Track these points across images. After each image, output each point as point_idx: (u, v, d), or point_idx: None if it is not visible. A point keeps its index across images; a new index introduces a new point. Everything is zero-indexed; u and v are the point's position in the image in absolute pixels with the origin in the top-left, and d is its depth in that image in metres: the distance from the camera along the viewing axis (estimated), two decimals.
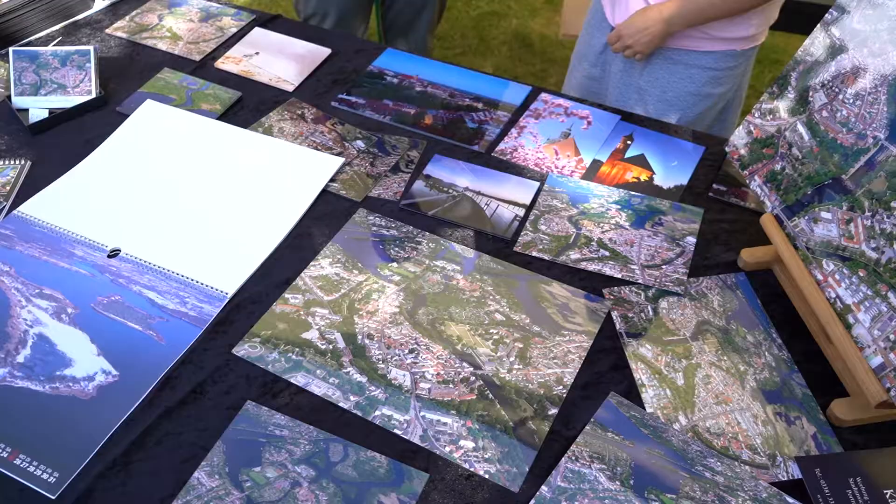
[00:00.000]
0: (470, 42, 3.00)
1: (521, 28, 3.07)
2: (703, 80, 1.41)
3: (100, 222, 1.11)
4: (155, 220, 1.11)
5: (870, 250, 0.85)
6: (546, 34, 3.03)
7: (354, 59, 1.44)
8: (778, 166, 1.00)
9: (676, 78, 1.42)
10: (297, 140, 1.25)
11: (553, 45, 2.98)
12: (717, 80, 1.41)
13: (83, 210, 1.12)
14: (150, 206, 1.13)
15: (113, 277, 1.03)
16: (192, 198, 1.15)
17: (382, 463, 0.83)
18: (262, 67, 1.40)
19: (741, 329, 0.96)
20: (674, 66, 1.41)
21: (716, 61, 1.39)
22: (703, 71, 1.40)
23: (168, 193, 1.15)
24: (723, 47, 1.38)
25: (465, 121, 1.29)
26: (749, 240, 1.07)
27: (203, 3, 1.58)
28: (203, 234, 1.09)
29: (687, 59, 1.39)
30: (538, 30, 3.06)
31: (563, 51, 2.94)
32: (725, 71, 1.41)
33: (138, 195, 1.15)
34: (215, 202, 1.14)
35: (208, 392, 0.91)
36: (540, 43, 2.98)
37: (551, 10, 3.17)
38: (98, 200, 1.14)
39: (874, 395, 0.82)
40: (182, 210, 1.13)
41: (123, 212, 1.12)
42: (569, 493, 0.80)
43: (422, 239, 1.08)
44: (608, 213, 1.12)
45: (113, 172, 1.19)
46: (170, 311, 0.99)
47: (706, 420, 0.87)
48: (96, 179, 1.18)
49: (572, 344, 0.95)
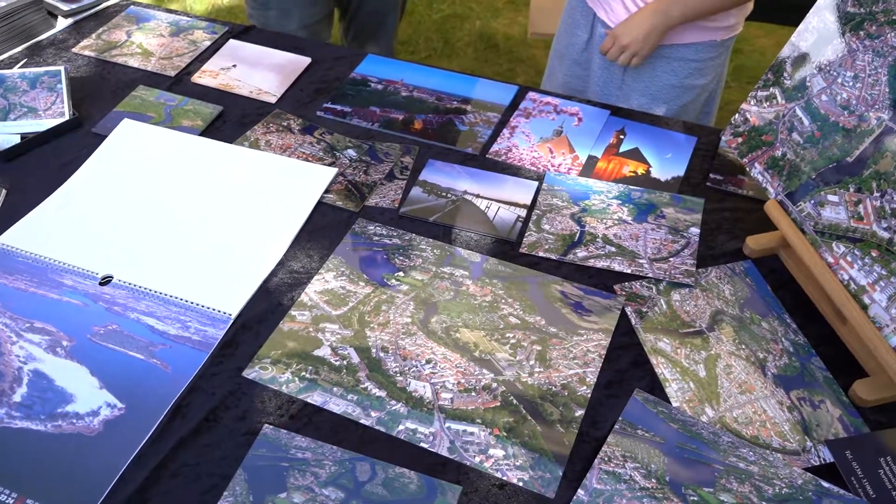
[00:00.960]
0: (435, 45, 2.99)
1: (484, 29, 3.07)
2: (686, 72, 1.41)
3: (88, 249, 1.06)
4: (146, 244, 1.07)
5: (881, 230, 0.86)
6: (510, 34, 3.04)
7: (335, 66, 1.41)
8: (778, 153, 1.00)
9: (659, 71, 1.42)
10: (285, 152, 1.21)
11: (518, 44, 2.98)
12: (700, 71, 1.41)
13: (68, 237, 1.08)
14: (140, 229, 1.09)
15: (108, 306, 0.99)
16: (183, 218, 1.11)
17: (413, 479, 0.81)
18: (242, 80, 1.36)
19: (755, 316, 0.96)
20: (656, 60, 1.41)
21: (697, 52, 1.39)
22: (685, 63, 1.40)
23: (157, 214, 1.11)
24: (704, 38, 1.38)
25: (455, 123, 1.27)
26: (752, 227, 1.07)
27: (172, 17, 1.53)
28: (199, 254, 1.05)
29: (669, 52, 1.39)
30: (502, 30, 3.06)
31: (528, 49, 2.95)
32: (707, 62, 1.41)
33: (126, 218, 1.11)
34: (208, 221, 1.10)
35: (222, 419, 0.87)
36: (505, 43, 2.99)
37: (513, 10, 3.18)
38: (83, 226, 1.09)
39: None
40: (174, 231, 1.09)
41: (112, 236, 1.08)
42: (606, 495, 0.78)
43: (426, 246, 1.06)
44: (610, 208, 1.11)
45: (95, 196, 1.14)
46: (172, 336, 0.95)
47: (733, 410, 0.86)
48: (79, 204, 1.13)
49: (591, 343, 0.94)
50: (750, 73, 2.75)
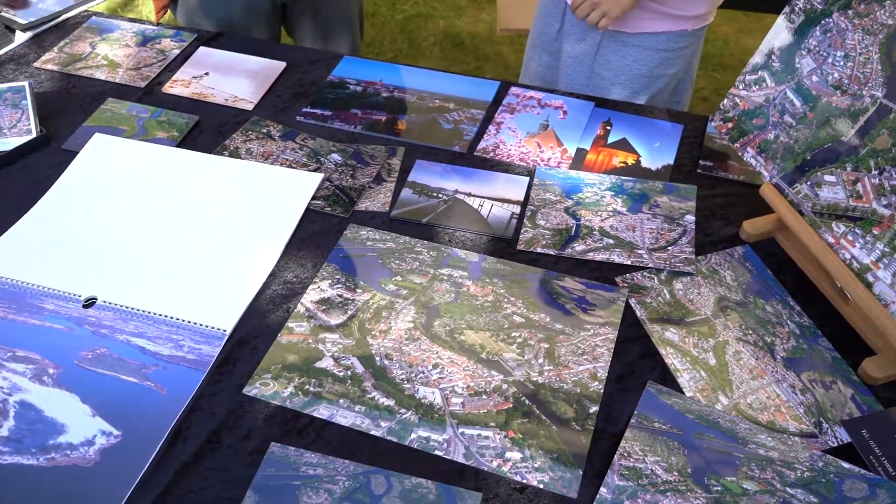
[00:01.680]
0: (400, 46, 2.96)
1: (449, 28, 3.05)
2: (655, 61, 1.41)
3: (68, 270, 1.01)
4: (130, 262, 1.02)
5: (881, 208, 0.86)
6: (476, 32, 3.03)
7: (311, 70, 1.37)
8: (771, 135, 1.00)
9: (629, 61, 1.41)
10: (267, 160, 1.18)
11: (484, 42, 2.97)
12: (669, 61, 1.42)
13: (46, 259, 1.03)
14: (122, 247, 1.04)
15: (94, 329, 0.94)
16: (167, 233, 1.06)
17: (430, 488, 0.78)
18: (216, 88, 1.32)
19: (759, 301, 0.96)
20: (625, 49, 1.41)
21: (667, 42, 1.39)
22: (654, 53, 1.40)
23: (139, 231, 1.07)
24: (674, 27, 1.38)
25: (439, 122, 1.25)
26: (746, 212, 1.07)
27: (137, 27, 1.48)
28: (187, 270, 1.01)
29: (638, 41, 1.39)
30: (467, 28, 3.05)
31: (495, 47, 2.94)
32: (676, 52, 1.41)
33: (106, 236, 1.06)
34: (194, 235, 1.06)
35: (225, 439, 0.83)
36: (471, 41, 2.97)
37: (476, 8, 3.17)
38: (61, 247, 1.05)
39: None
40: (158, 247, 1.04)
41: (92, 256, 1.03)
42: (629, 491, 0.77)
43: (421, 248, 1.04)
44: (603, 200, 1.10)
45: (71, 215, 1.09)
46: (165, 357, 0.91)
47: (746, 396, 0.86)
48: (54, 224, 1.08)
49: (598, 337, 0.92)
50: (715, 60, 2.78)
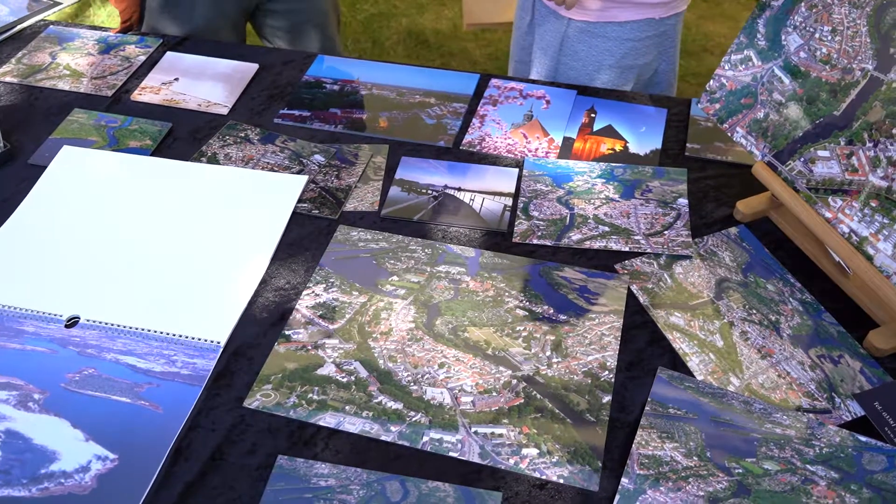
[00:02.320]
0: (363, 46, 2.93)
1: (412, 26, 3.02)
2: (622, 52, 1.37)
3: (46, 290, 0.96)
4: (112, 277, 0.98)
5: (878, 180, 0.86)
6: (439, 29, 3.00)
7: (285, 71, 1.34)
8: (760, 114, 1.00)
9: (595, 52, 1.39)
10: (248, 164, 1.14)
11: (449, 38, 2.95)
12: (637, 51, 1.38)
13: (21, 280, 0.98)
14: (103, 263, 1.00)
15: (79, 349, 0.90)
16: (149, 245, 1.02)
17: (448, 491, 0.76)
18: (187, 93, 1.28)
19: (759, 280, 0.96)
20: (592, 40, 1.37)
21: (633, 32, 1.35)
22: (620, 43, 1.36)
23: (120, 244, 1.02)
24: (640, 16, 1.35)
25: (421, 118, 1.22)
26: (737, 192, 1.07)
27: (98, 34, 1.43)
28: (173, 282, 0.97)
29: (603, 31, 1.36)
30: (430, 25, 3.03)
31: (460, 43, 2.92)
32: (645, 41, 1.37)
33: (84, 252, 1.01)
34: (178, 245, 1.02)
35: (229, 455, 0.80)
36: (435, 38, 2.95)
37: (438, 5, 3.15)
38: (37, 266, 1.00)
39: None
40: (142, 260, 1.00)
41: (71, 274, 0.98)
42: (651, 480, 0.76)
43: (416, 246, 1.01)
44: (595, 188, 1.09)
45: (45, 232, 1.04)
46: (158, 374, 0.87)
47: (757, 376, 0.85)
48: (27, 243, 1.03)
49: (604, 326, 0.91)
50: None
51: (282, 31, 1.64)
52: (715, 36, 2.90)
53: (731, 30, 2.89)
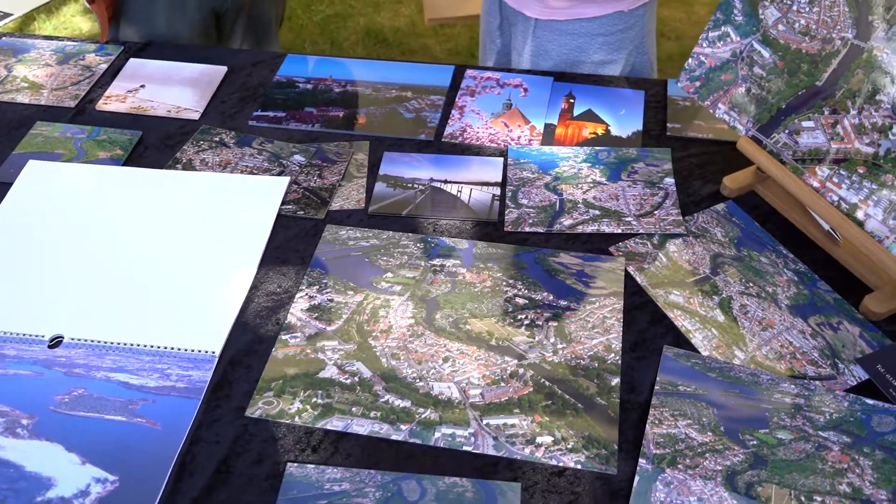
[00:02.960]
0: (322, 48, 2.89)
1: (370, 25, 2.99)
2: (594, 47, 1.35)
3: (25, 311, 0.92)
4: (95, 293, 0.94)
5: (864, 146, 0.88)
6: (398, 26, 2.98)
7: (255, 72, 1.31)
8: (742, 89, 1.00)
9: (566, 50, 1.36)
10: (225, 169, 1.11)
11: (408, 35, 2.93)
12: (610, 45, 1.36)
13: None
14: (84, 279, 0.96)
15: (66, 370, 0.86)
16: (131, 257, 0.98)
17: (467, 486, 0.74)
18: (155, 100, 1.23)
19: (753, 253, 0.96)
20: (561, 38, 1.35)
21: (603, 27, 1.33)
22: (591, 38, 1.35)
23: (99, 259, 0.98)
24: (607, 10, 1.31)
25: (400, 112, 1.20)
26: (721, 168, 1.07)
27: (55, 44, 1.37)
28: (160, 294, 0.94)
29: (572, 28, 1.34)
30: (388, 23, 3.00)
31: (419, 40, 2.91)
32: (616, 35, 1.35)
33: (63, 269, 0.97)
34: (161, 256, 0.98)
35: (236, 467, 0.77)
36: (394, 36, 2.93)
37: (395, 2, 3.12)
38: (12, 287, 0.95)
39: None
40: (125, 274, 0.96)
41: (50, 292, 0.94)
42: (668, 459, 0.75)
43: (407, 241, 1.00)
44: (581, 172, 1.09)
45: (18, 251, 0.99)
46: (152, 389, 0.84)
47: (761, 348, 0.86)
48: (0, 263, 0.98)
49: (605, 309, 0.90)
50: None
51: (241, 35, 1.60)
52: (671, 21, 2.93)
53: (687, 14, 2.93)
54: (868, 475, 0.73)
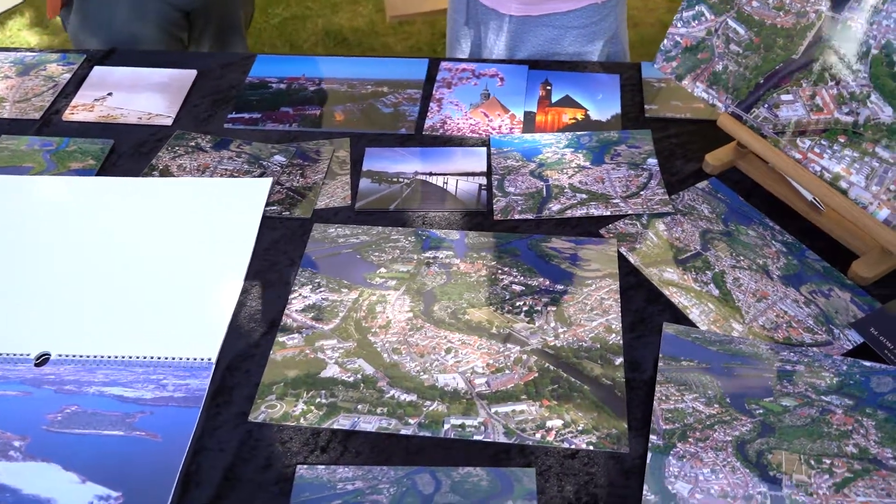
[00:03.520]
0: (281, 51, 2.85)
1: (328, 26, 2.97)
2: (569, 40, 1.35)
3: (7, 329, 0.89)
4: (80, 307, 0.91)
5: (843, 116, 0.89)
6: (357, 26, 2.96)
7: (225, 74, 1.28)
8: (719, 67, 1.02)
9: (541, 41, 1.37)
10: (205, 173, 1.08)
11: (367, 35, 2.91)
12: (585, 37, 1.36)
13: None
14: (67, 293, 0.93)
15: (56, 387, 0.83)
16: (116, 269, 0.95)
17: (481, 475, 0.74)
18: (124, 107, 1.20)
19: (740, 227, 0.98)
20: (537, 29, 1.35)
21: (577, 19, 1.33)
22: (566, 31, 1.34)
23: (82, 272, 0.95)
24: (581, 3, 1.31)
25: (377, 107, 1.19)
26: (702, 146, 1.09)
27: (13, 56, 1.33)
28: (148, 304, 0.91)
29: (548, 21, 1.33)
30: (347, 24, 2.98)
31: (380, 39, 2.89)
32: (591, 27, 1.35)
33: (44, 285, 0.94)
34: (147, 265, 0.96)
35: (243, 474, 0.75)
36: (354, 36, 2.91)
37: (352, 2, 3.10)
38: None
39: (895, 244, 0.86)
40: (110, 285, 0.93)
41: (33, 309, 0.91)
42: (678, 433, 0.76)
43: (398, 236, 0.99)
44: (565, 158, 1.09)
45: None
46: (150, 401, 0.82)
47: (757, 319, 0.87)
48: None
49: (602, 290, 0.91)
50: None
51: (208, 38, 1.57)
52: (628, 9, 2.96)
53: (643, 2, 2.97)
54: (872, 435, 0.75)
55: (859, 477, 0.71)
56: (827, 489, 0.71)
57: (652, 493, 0.71)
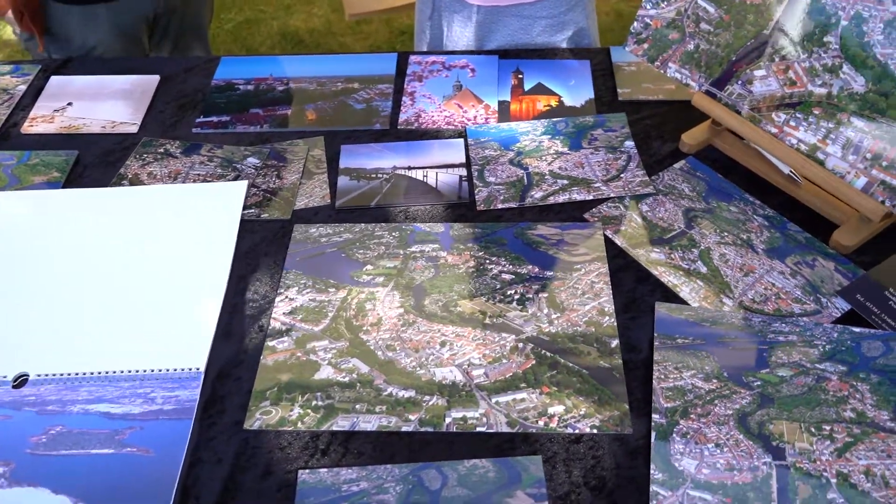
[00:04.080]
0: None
1: (284, 28, 2.93)
2: (537, 30, 1.35)
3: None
4: (58, 324, 0.88)
5: (817, 88, 0.91)
6: (313, 27, 2.92)
7: (189, 78, 1.25)
8: (690, 46, 1.02)
9: (510, 31, 1.36)
10: (177, 179, 1.05)
11: (324, 35, 2.88)
12: (554, 27, 1.35)
13: None
14: (43, 311, 0.89)
15: (37, 409, 0.80)
16: (93, 283, 0.92)
17: (487, 466, 0.73)
18: (86, 117, 1.16)
19: (721, 204, 0.98)
20: (507, 19, 1.35)
21: (545, 9, 1.33)
22: (535, 21, 1.34)
23: (58, 288, 0.91)
24: None
25: (349, 104, 1.17)
26: (678, 127, 1.09)
27: None
28: (130, 317, 0.88)
29: (517, 11, 1.32)
30: (302, 25, 2.94)
31: (336, 39, 2.86)
32: (559, 17, 1.34)
33: (17, 304, 0.90)
34: (125, 277, 0.92)
35: (243, 484, 0.73)
36: (311, 37, 2.87)
37: (306, 4, 3.06)
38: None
39: (875, 212, 0.88)
40: (89, 301, 0.90)
41: (7, 328, 0.87)
42: (680, 410, 0.76)
43: (382, 232, 0.97)
44: (542, 145, 1.09)
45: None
46: (138, 416, 0.79)
47: (746, 293, 0.87)
48: None
49: (591, 274, 0.90)
50: None
51: (169, 44, 1.54)
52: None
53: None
54: (868, 399, 0.76)
55: (859, 440, 0.72)
56: (829, 455, 0.71)
57: (659, 471, 0.71)
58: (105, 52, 1.40)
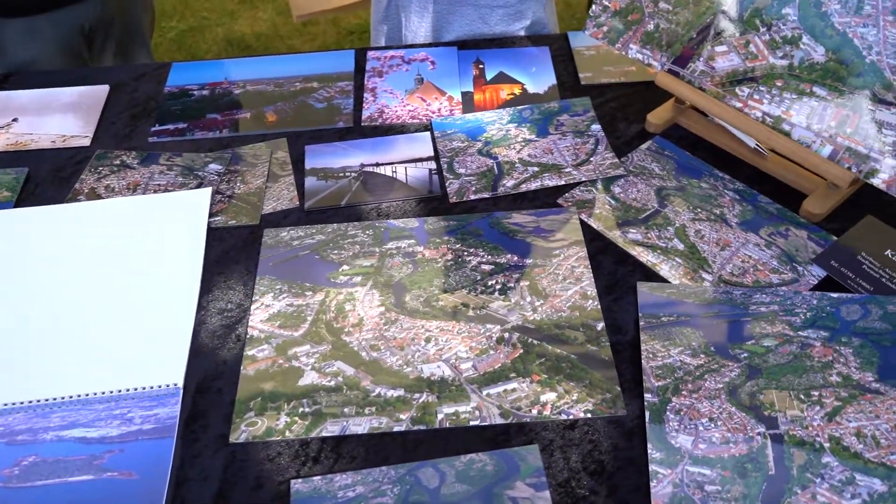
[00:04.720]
0: None
1: (229, 34, 2.86)
2: (495, 19, 1.33)
3: None
4: (21, 349, 0.83)
5: (778, 60, 0.92)
6: (258, 31, 2.87)
7: (141, 86, 1.20)
8: (650, 26, 1.03)
9: (467, 20, 1.34)
10: (136, 191, 1.01)
11: (272, 39, 2.83)
12: (512, 16, 1.34)
13: None
14: (4, 336, 0.85)
15: (7, 440, 0.76)
16: (57, 304, 0.88)
17: (485, 460, 0.72)
18: (34, 132, 1.11)
19: (692, 181, 0.99)
20: (463, 10, 1.33)
21: None
22: (491, 10, 1.32)
23: (19, 312, 0.87)
24: None
25: (310, 104, 1.15)
26: (642, 108, 1.10)
27: None
28: (99, 337, 0.84)
29: (472, 1, 1.30)
30: (248, 30, 2.88)
31: (284, 42, 2.81)
32: (516, 5, 1.33)
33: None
34: (91, 296, 0.89)
35: (235, 498, 0.71)
36: (258, 42, 2.82)
37: (250, 8, 3.00)
38: None
39: (843, 179, 0.89)
40: (54, 322, 0.86)
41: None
42: (671, 388, 0.76)
43: (355, 231, 0.95)
44: (510, 133, 1.08)
45: None
46: (116, 438, 0.75)
47: (725, 267, 0.88)
48: None
49: (571, 259, 0.90)
50: None
51: (111, 53, 1.48)
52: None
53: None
54: (852, 362, 0.77)
55: (848, 403, 0.73)
56: (821, 420, 0.72)
57: (656, 450, 0.71)
58: (43, 66, 1.34)
